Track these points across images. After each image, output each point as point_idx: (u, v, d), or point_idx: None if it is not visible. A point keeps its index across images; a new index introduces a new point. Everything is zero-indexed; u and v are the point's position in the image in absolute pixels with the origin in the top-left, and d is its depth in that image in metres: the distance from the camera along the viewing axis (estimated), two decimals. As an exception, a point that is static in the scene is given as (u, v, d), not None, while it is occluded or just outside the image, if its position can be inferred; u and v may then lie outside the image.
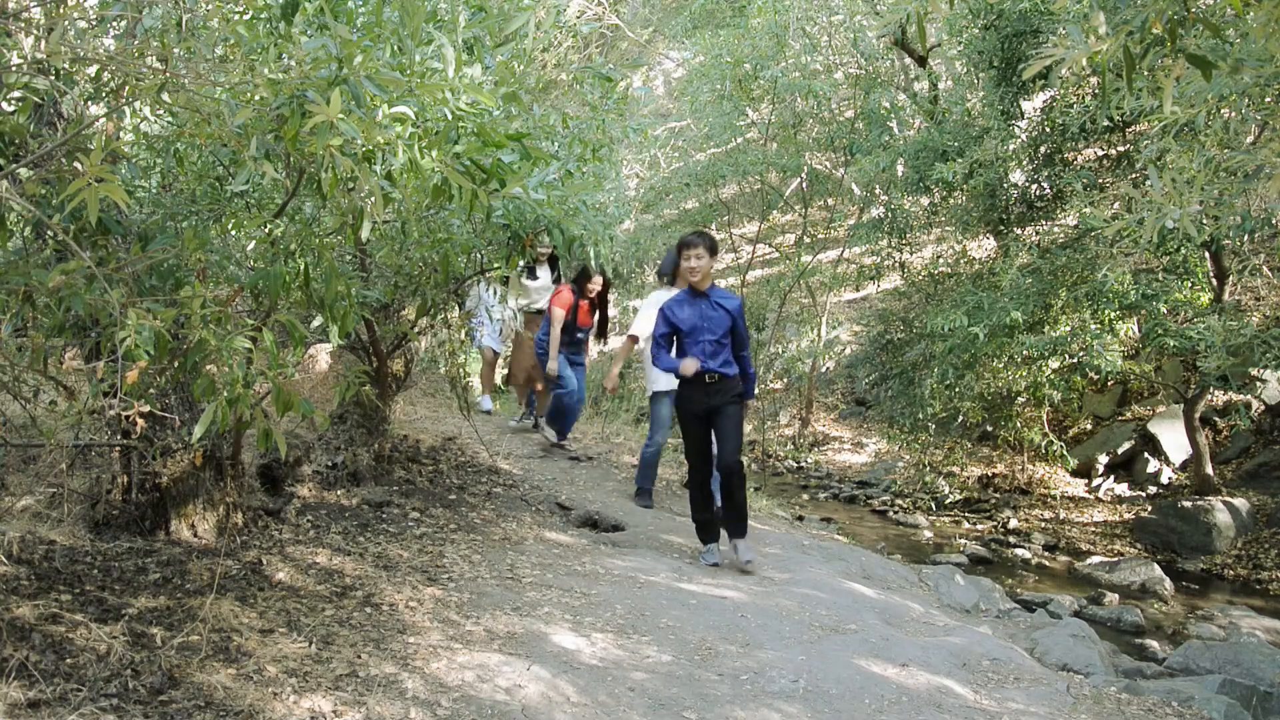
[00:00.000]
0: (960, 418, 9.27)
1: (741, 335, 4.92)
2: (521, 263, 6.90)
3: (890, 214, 9.85)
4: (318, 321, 3.05)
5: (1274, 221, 6.42)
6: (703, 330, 4.85)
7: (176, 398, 3.55)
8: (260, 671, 2.79)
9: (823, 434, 13.04)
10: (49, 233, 2.61)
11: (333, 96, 1.94)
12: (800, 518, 8.31)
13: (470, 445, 6.64)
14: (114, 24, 2.73)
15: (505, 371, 8.27)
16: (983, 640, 4.16)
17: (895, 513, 9.39)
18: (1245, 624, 6.08)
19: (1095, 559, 7.71)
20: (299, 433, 5.13)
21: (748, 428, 7.84)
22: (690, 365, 4.77)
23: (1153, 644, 5.69)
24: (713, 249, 4.90)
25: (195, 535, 3.76)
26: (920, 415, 8.80)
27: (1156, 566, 7.19)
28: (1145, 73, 3.23)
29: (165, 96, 2.27)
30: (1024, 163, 8.40)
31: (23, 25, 2.24)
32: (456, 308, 5.89)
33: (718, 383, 4.83)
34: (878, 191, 11.50)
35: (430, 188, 2.36)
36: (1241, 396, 8.76)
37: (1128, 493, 9.26)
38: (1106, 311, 7.38)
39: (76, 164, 2.29)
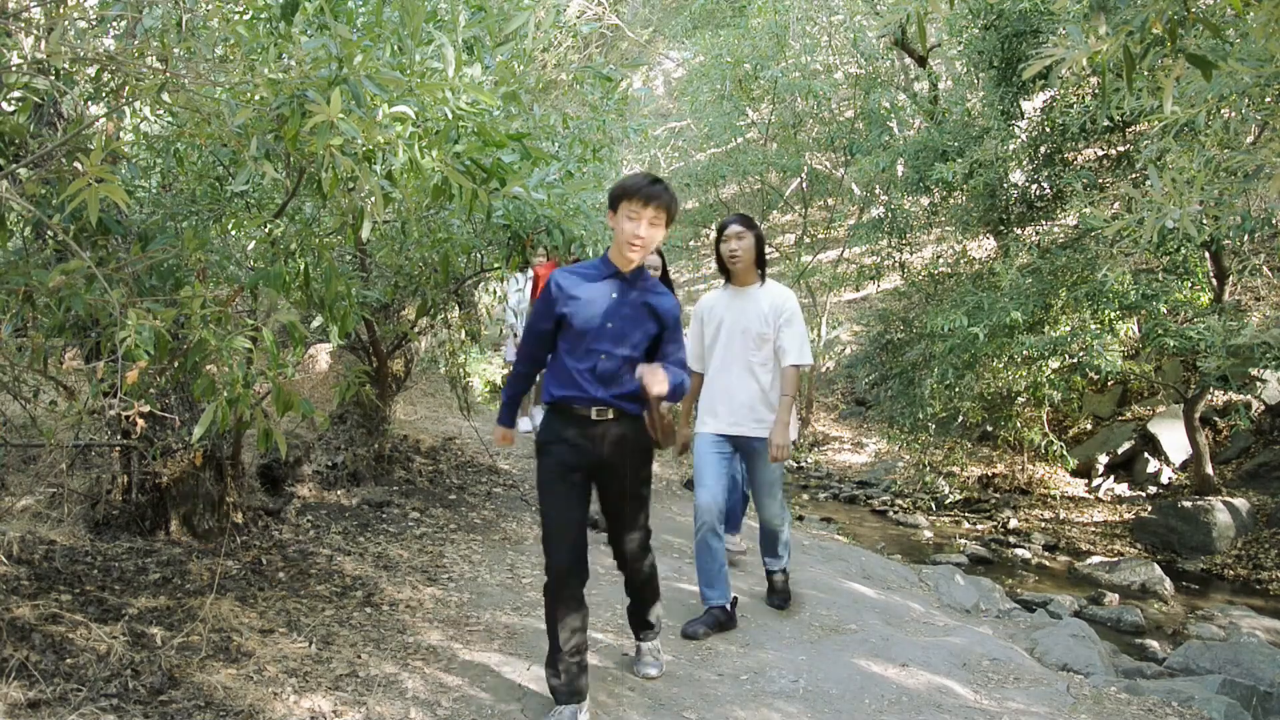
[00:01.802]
0: (960, 418, 9.26)
1: (669, 352, 3.01)
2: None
3: (890, 214, 9.85)
4: (318, 321, 3.05)
5: (1274, 221, 6.41)
6: (604, 334, 2.90)
7: (176, 398, 3.55)
8: (260, 671, 2.79)
9: (823, 434, 13.04)
10: (49, 233, 2.61)
11: (333, 96, 1.94)
12: (800, 518, 8.31)
13: (470, 445, 6.64)
14: (114, 24, 2.73)
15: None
16: (983, 640, 4.16)
17: (895, 513, 9.39)
18: (1245, 624, 6.07)
19: (1095, 559, 7.71)
20: (299, 433, 5.13)
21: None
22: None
23: (1153, 644, 5.69)
24: (671, 215, 2.96)
25: (195, 535, 3.76)
26: (920, 415, 8.79)
27: (1156, 566, 7.19)
28: (1145, 73, 3.23)
29: (165, 96, 2.27)
30: (1024, 163, 8.39)
31: (23, 25, 2.24)
32: (456, 308, 5.88)
33: (611, 422, 2.91)
34: (878, 191, 11.50)
35: (430, 188, 2.36)
36: (1241, 396, 8.76)
37: (1128, 493, 9.26)
38: (1106, 311, 7.37)
39: (76, 164, 2.29)
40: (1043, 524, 8.89)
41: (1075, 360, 7.65)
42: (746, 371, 3.84)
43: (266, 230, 2.78)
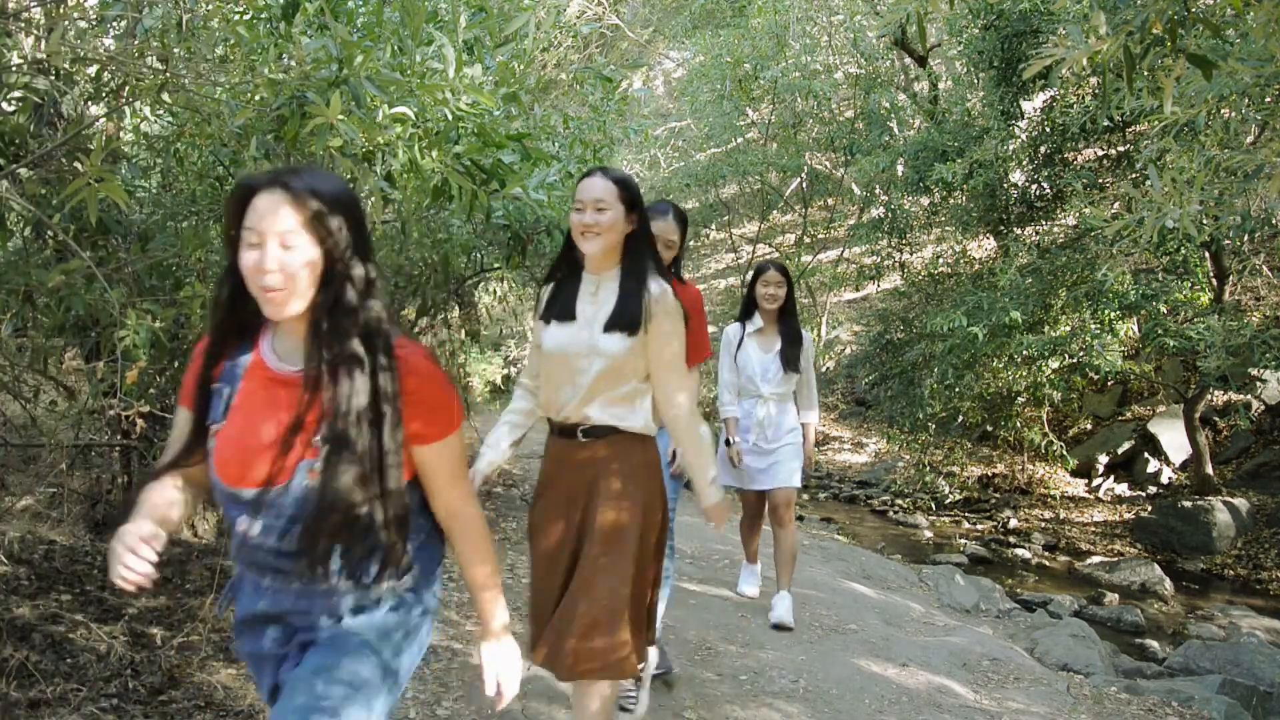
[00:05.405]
0: (960, 418, 9.26)
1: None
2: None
3: (890, 214, 9.85)
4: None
5: (1274, 221, 6.41)
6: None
7: (176, 398, 3.55)
8: (260, 671, 2.79)
9: (823, 434, 13.04)
10: (49, 233, 2.61)
11: (333, 97, 1.94)
12: (800, 518, 8.31)
13: (470, 445, 6.64)
14: (114, 24, 2.73)
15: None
16: (983, 640, 4.16)
17: (895, 513, 9.39)
18: (1245, 624, 6.07)
19: (1095, 559, 7.71)
20: (299, 433, 5.12)
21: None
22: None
23: (1153, 644, 5.69)
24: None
25: (195, 535, 3.76)
26: (920, 415, 8.79)
27: (1156, 566, 7.19)
28: (1145, 73, 3.23)
29: (165, 96, 2.27)
30: (1024, 163, 8.39)
31: (23, 25, 2.24)
32: (456, 308, 5.86)
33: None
34: (878, 191, 11.50)
35: (430, 188, 2.37)
36: (1241, 396, 8.75)
37: (1128, 493, 9.26)
38: (1106, 311, 7.37)
39: (76, 164, 2.30)
40: (1043, 524, 8.89)
41: (1075, 360, 7.64)
42: None
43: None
